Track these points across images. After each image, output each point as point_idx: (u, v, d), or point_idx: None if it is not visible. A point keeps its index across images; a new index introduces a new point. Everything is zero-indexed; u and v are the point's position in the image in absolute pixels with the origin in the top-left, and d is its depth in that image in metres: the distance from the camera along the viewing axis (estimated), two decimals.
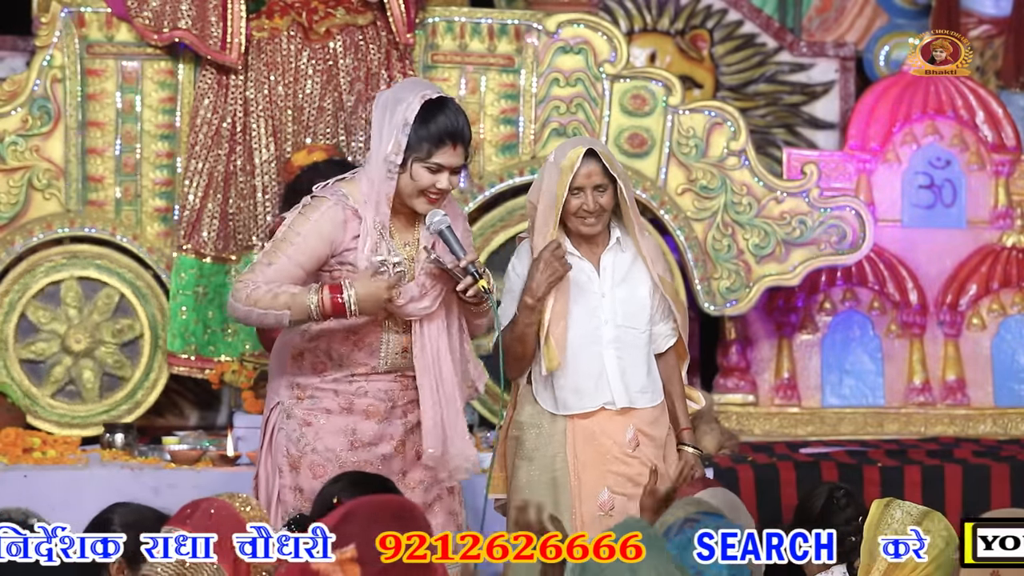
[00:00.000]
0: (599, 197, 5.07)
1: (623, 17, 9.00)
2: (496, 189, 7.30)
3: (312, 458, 4.82)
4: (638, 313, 5.15)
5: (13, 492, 6.17)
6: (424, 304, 4.80)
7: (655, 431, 5.15)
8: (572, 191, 5.06)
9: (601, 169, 5.06)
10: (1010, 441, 7.64)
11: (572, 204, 5.07)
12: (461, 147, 4.77)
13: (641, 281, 5.17)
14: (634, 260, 5.18)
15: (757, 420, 7.78)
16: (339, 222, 4.77)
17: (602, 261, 5.15)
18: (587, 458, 5.08)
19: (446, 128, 4.75)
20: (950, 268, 8.03)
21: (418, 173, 4.75)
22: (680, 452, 5.22)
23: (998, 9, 9.16)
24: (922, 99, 8.11)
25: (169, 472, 6.45)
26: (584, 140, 5.39)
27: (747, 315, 7.71)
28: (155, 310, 7.10)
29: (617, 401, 5.09)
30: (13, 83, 7.15)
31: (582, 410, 5.09)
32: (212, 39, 7.00)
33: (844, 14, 9.30)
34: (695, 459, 5.23)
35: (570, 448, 5.09)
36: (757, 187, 7.40)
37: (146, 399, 7.12)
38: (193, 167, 7.03)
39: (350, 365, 4.83)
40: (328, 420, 4.82)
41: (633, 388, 5.11)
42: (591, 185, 5.06)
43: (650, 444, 5.12)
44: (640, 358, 5.15)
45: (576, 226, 5.11)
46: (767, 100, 8.95)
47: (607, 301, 5.12)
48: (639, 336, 5.15)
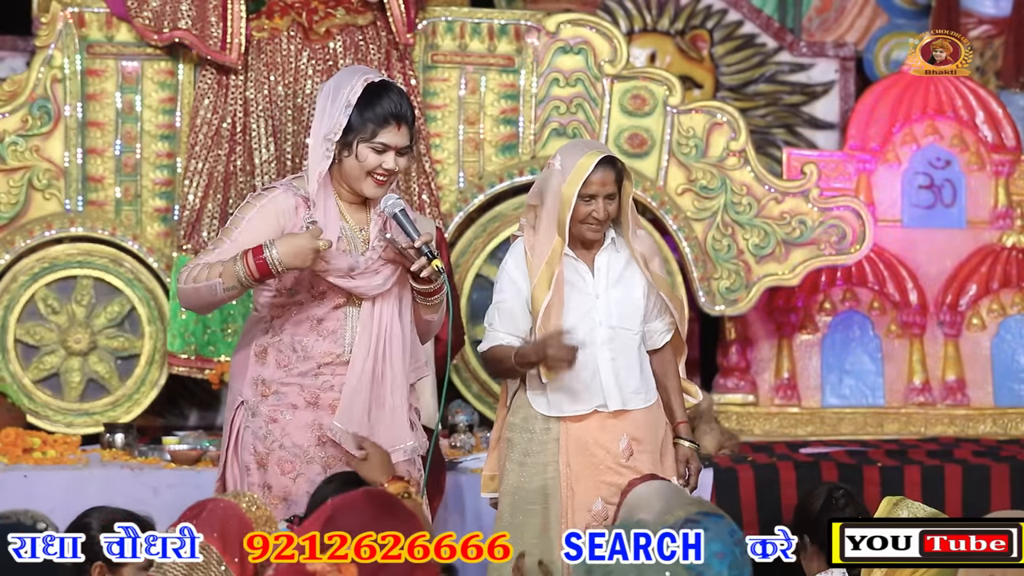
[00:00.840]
0: (609, 205, 5.05)
1: (623, 17, 9.00)
2: (496, 189, 7.30)
3: (280, 454, 4.80)
4: (632, 314, 5.13)
5: (13, 492, 6.18)
6: (377, 282, 4.74)
7: (649, 436, 5.11)
8: (583, 198, 5.03)
9: (614, 177, 5.04)
10: (1010, 441, 7.65)
11: (581, 211, 5.03)
12: (405, 127, 4.75)
13: (636, 282, 5.15)
14: (629, 260, 5.16)
15: (757, 420, 7.78)
16: (290, 208, 4.77)
17: (596, 262, 5.13)
18: (580, 468, 5.05)
19: (390, 108, 4.74)
20: (950, 268, 8.03)
21: (364, 154, 4.73)
22: (676, 446, 5.21)
23: (998, 9, 9.16)
24: (922, 99, 8.11)
25: (169, 472, 6.45)
26: (596, 145, 5.35)
27: (747, 315, 7.71)
28: (144, 290, 7.10)
29: (610, 404, 5.07)
30: (13, 83, 7.15)
31: (575, 413, 5.07)
32: (212, 39, 7.01)
33: (844, 14, 9.31)
34: (691, 453, 5.21)
35: (563, 457, 5.06)
36: (757, 187, 7.40)
37: (146, 399, 7.13)
38: (193, 167, 7.04)
39: (315, 356, 4.80)
40: (294, 416, 4.80)
41: (627, 390, 5.09)
42: (604, 193, 5.02)
43: (644, 452, 5.10)
44: (634, 359, 5.13)
45: (581, 232, 5.07)
46: (767, 100, 8.95)
47: (601, 302, 5.10)
48: (633, 337, 5.13)
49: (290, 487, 4.77)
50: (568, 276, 5.08)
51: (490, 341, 5.13)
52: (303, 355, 4.80)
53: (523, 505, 5.07)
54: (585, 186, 5.00)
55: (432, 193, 7.14)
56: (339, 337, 4.77)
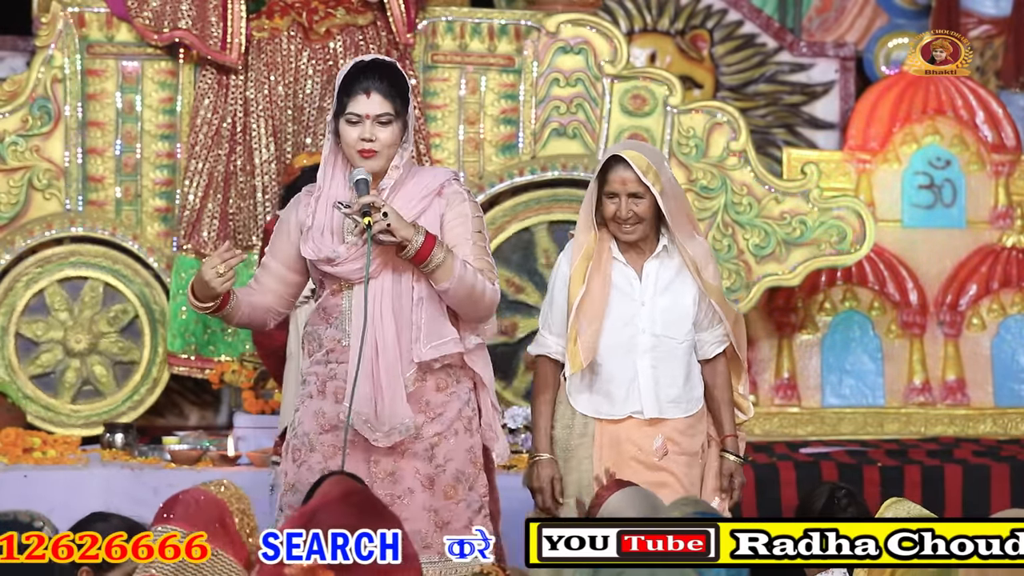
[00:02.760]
0: (634, 205, 5.01)
1: (623, 17, 9.00)
2: (496, 189, 7.30)
3: (294, 442, 4.80)
4: (679, 322, 5.08)
5: (13, 492, 6.18)
6: (358, 266, 4.67)
7: (686, 442, 5.09)
8: (608, 196, 5.03)
9: (636, 178, 5.00)
10: (1010, 441, 7.65)
11: (608, 209, 5.03)
12: (377, 95, 4.65)
13: (686, 290, 5.10)
14: (680, 268, 5.10)
15: (757, 420, 7.78)
16: (300, 205, 4.77)
17: (645, 268, 5.08)
18: (610, 463, 5.04)
19: (353, 75, 4.68)
20: (950, 268, 8.03)
21: (344, 130, 4.68)
22: (721, 459, 5.18)
23: (998, 9, 9.16)
24: (922, 99, 8.12)
25: (169, 472, 6.45)
26: (631, 145, 5.33)
27: (747, 315, 7.71)
28: (144, 290, 7.10)
29: (646, 411, 5.05)
30: (13, 83, 7.16)
31: (610, 416, 5.06)
32: (212, 39, 7.01)
33: (844, 14, 9.30)
34: (736, 467, 5.17)
35: (596, 452, 5.06)
36: (757, 187, 7.40)
37: (147, 399, 7.13)
38: (193, 167, 7.04)
39: (325, 343, 4.79)
40: (308, 404, 4.79)
41: (665, 399, 5.06)
42: (625, 192, 5.00)
43: (679, 455, 5.07)
44: (678, 368, 5.09)
45: (614, 231, 5.06)
46: (767, 100, 8.95)
47: (646, 310, 5.06)
48: (678, 346, 5.09)
49: (297, 475, 4.77)
50: (616, 281, 5.06)
51: (539, 347, 5.13)
52: (318, 343, 4.79)
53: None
54: (606, 183, 5.01)
55: None
56: (341, 323, 4.75)
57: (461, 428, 4.76)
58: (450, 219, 4.72)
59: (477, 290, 4.66)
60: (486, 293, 4.69)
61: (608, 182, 5.01)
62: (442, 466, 4.73)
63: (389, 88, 4.69)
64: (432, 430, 4.73)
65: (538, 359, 5.15)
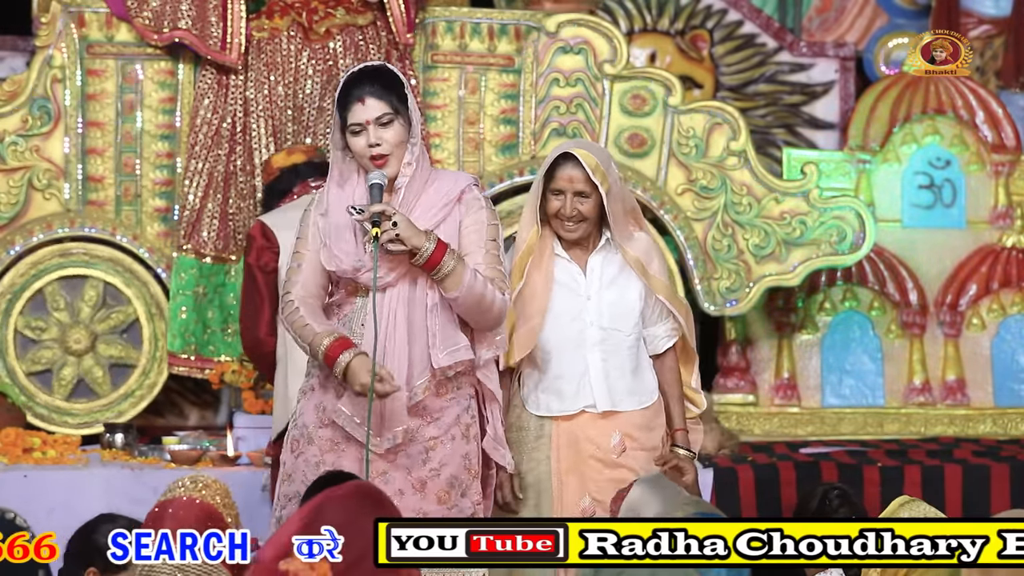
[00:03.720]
0: (579, 204, 5.03)
1: (623, 17, 9.00)
2: (496, 189, 7.30)
3: (293, 432, 4.82)
4: (626, 315, 5.11)
5: (13, 492, 6.17)
6: (378, 274, 4.67)
7: (644, 436, 5.10)
8: (553, 192, 5.05)
9: (584, 177, 5.02)
10: (1010, 441, 7.65)
11: (552, 205, 5.06)
12: (372, 99, 4.68)
13: (631, 285, 5.13)
14: (624, 264, 5.13)
15: (757, 420, 7.78)
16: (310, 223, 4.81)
17: (589, 263, 5.12)
18: (569, 463, 5.05)
19: (346, 86, 4.71)
20: (950, 268, 8.03)
21: (352, 142, 4.72)
22: (672, 454, 5.19)
23: (998, 9, 9.16)
24: (922, 99, 8.12)
25: (169, 472, 6.44)
26: (581, 144, 5.32)
27: (747, 315, 7.71)
28: (145, 294, 7.10)
29: (599, 404, 5.06)
30: (13, 83, 7.15)
31: (562, 412, 5.07)
32: (212, 39, 7.01)
33: (844, 14, 9.30)
34: (687, 461, 5.19)
35: (554, 453, 5.06)
36: (757, 187, 7.40)
37: (145, 398, 7.13)
38: (193, 167, 7.04)
39: None
40: (310, 396, 4.80)
41: (617, 391, 5.08)
42: (572, 190, 5.03)
43: (638, 450, 5.09)
44: (627, 361, 5.11)
45: (556, 228, 5.09)
46: (767, 100, 8.95)
47: (593, 304, 5.09)
48: (625, 339, 5.11)
49: (294, 465, 4.77)
50: (560, 277, 5.08)
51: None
52: None
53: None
54: (553, 180, 5.03)
55: None
56: (349, 323, 4.76)
57: (459, 434, 4.77)
58: (466, 225, 4.75)
59: (487, 300, 4.68)
60: (495, 303, 4.70)
61: (555, 179, 5.03)
62: (436, 470, 4.74)
63: (382, 89, 4.71)
64: (429, 434, 4.73)
65: None
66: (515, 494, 5.02)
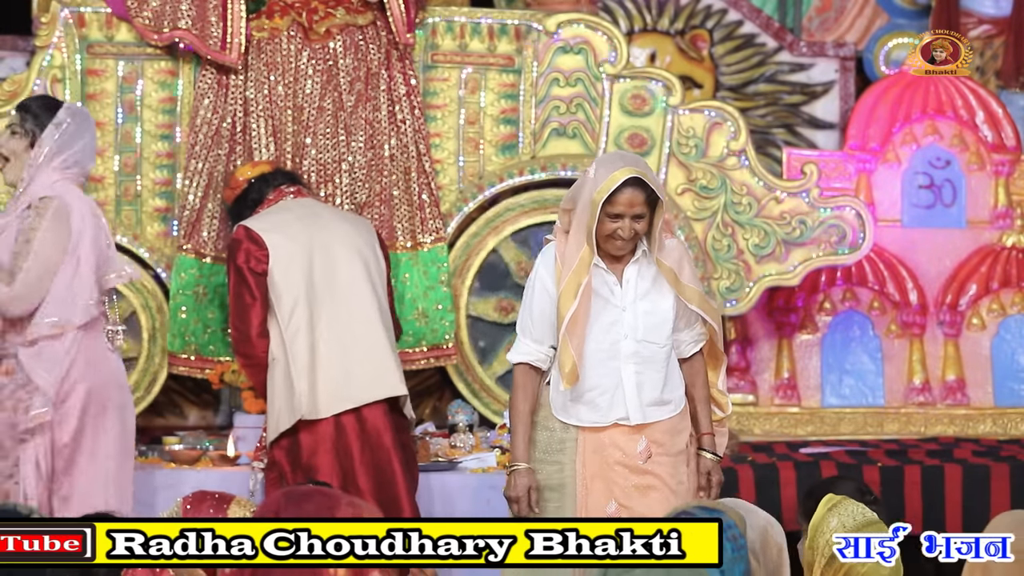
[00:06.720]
0: (636, 224, 4.98)
1: (623, 17, 9.00)
2: (496, 189, 7.30)
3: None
4: (660, 326, 5.07)
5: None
6: None
7: (671, 441, 5.08)
8: (609, 215, 4.96)
9: (644, 199, 4.96)
10: (1010, 441, 7.64)
11: (607, 227, 4.96)
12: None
13: (665, 293, 5.08)
14: (658, 274, 5.09)
15: (757, 420, 7.78)
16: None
17: (625, 273, 5.07)
18: (596, 469, 5.02)
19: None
20: (950, 268, 8.03)
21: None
22: (698, 457, 5.18)
23: (998, 9, 9.16)
24: (922, 99, 8.11)
25: (169, 472, 6.44)
26: (632, 161, 5.09)
27: (747, 315, 7.71)
28: (144, 290, 7.08)
29: (632, 418, 5.03)
30: (13, 83, 7.15)
31: (593, 424, 5.04)
32: (212, 39, 7.01)
33: (844, 14, 9.30)
34: (713, 464, 5.17)
35: (579, 457, 5.03)
36: (757, 187, 7.40)
37: (144, 398, 7.12)
38: (193, 167, 7.03)
39: None
40: None
41: (649, 403, 5.05)
42: (631, 214, 4.95)
43: (664, 456, 5.07)
44: (659, 372, 5.07)
45: (606, 246, 5.01)
46: (767, 100, 8.95)
47: (628, 315, 5.04)
48: (659, 350, 5.07)
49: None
50: (596, 287, 5.02)
51: (518, 354, 5.10)
52: None
53: (540, 501, 5.06)
54: (612, 204, 4.93)
55: (432, 193, 7.13)
56: None
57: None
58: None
59: None
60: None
61: (614, 203, 4.94)
62: None
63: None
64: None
65: (517, 366, 5.11)
66: (532, 508, 5.01)
